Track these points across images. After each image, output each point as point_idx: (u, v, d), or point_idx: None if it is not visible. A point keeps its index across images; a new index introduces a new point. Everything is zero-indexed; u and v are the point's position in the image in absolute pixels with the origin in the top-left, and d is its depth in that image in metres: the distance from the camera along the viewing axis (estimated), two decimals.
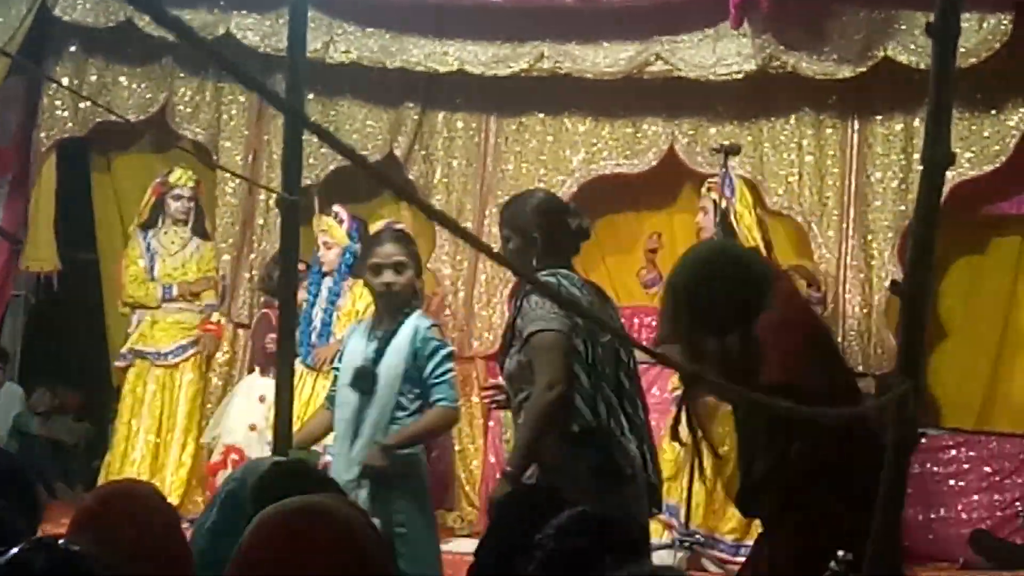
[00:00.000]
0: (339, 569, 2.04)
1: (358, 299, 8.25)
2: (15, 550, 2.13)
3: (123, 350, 8.96)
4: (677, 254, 9.18)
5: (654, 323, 8.90)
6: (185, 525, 3.37)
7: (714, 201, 7.96)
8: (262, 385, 8.28)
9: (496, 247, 9.00)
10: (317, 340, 8.35)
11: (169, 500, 3.26)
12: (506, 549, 3.00)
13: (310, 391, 8.19)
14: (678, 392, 5.72)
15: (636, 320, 8.82)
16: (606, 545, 2.80)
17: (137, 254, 8.96)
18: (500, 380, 5.25)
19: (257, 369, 8.71)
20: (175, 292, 8.92)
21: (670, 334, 4.24)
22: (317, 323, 8.35)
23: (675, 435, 4.14)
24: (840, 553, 2.34)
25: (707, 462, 4.31)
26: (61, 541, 2.19)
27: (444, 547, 8.02)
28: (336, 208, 8.57)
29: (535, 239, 4.89)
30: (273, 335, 7.73)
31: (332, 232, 8.40)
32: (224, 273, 9.30)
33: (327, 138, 1.79)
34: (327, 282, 8.43)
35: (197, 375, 9.01)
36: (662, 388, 8.13)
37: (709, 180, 8.18)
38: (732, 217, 7.89)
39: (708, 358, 4.05)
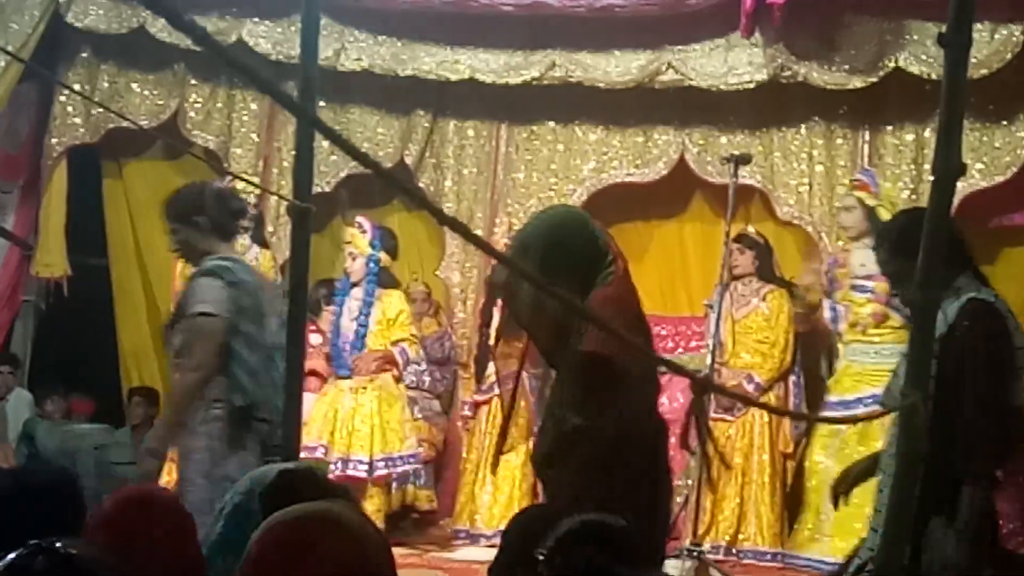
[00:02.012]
0: (346, 574, 2.05)
1: (387, 308, 8.22)
2: (14, 554, 2.13)
3: None
4: (689, 263, 9.30)
5: (664, 332, 8.93)
6: None
7: (859, 200, 7.87)
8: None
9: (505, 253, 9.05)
10: (351, 351, 8.24)
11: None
12: (513, 565, 2.99)
13: (352, 405, 8.08)
14: None
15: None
16: (615, 555, 2.78)
17: None
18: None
19: None
20: None
21: (506, 281, 4.61)
22: (350, 334, 8.27)
23: (684, 443, 4.18)
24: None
25: (715, 471, 4.42)
26: (60, 544, 2.19)
27: (450, 555, 8.08)
28: (359, 219, 8.53)
29: (198, 223, 5.12)
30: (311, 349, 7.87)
31: (356, 242, 8.35)
32: None
33: (339, 141, 1.80)
34: (356, 292, 8.33)
35: None
36: (671, 398, 8.12)
37: (852, 179, 8.13)
38: (881, 213, 7.77)
39: (535, 311, 4.40)
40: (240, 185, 8.71)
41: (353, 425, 8.01)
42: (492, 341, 8.15)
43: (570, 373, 4.34)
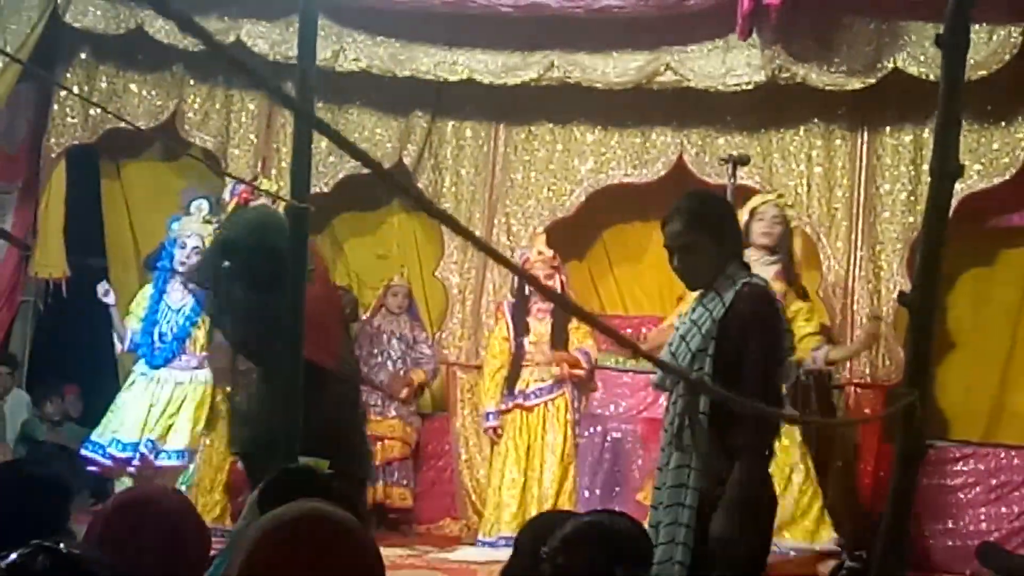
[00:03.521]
0: (340, 573, 2.05)
1: None
2: (15, 554, 2.13)
3: None
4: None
5: None
6: None
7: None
8: None
9: (505, 255, 9.05)
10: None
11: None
12: (526, 569, 3.00)
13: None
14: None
15: (644, 329, 8.81)
16: (616, 555, 2.79)
17: None
18: None
19: None
20: None
21: (206, 279, 4.89)
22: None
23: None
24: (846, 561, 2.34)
25: None
26: (62, 544, 2.19)
27: (450, 555, 8.08)
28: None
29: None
30: None
31: (206, 243, 8.43)
32: None
33: (337, 140, 1.80)
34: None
35: None
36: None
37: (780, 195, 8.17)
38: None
39: (233, 306, 4.54)
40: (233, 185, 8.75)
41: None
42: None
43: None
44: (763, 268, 7.57)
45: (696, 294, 4.41)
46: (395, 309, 9.19)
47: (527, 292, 8.32)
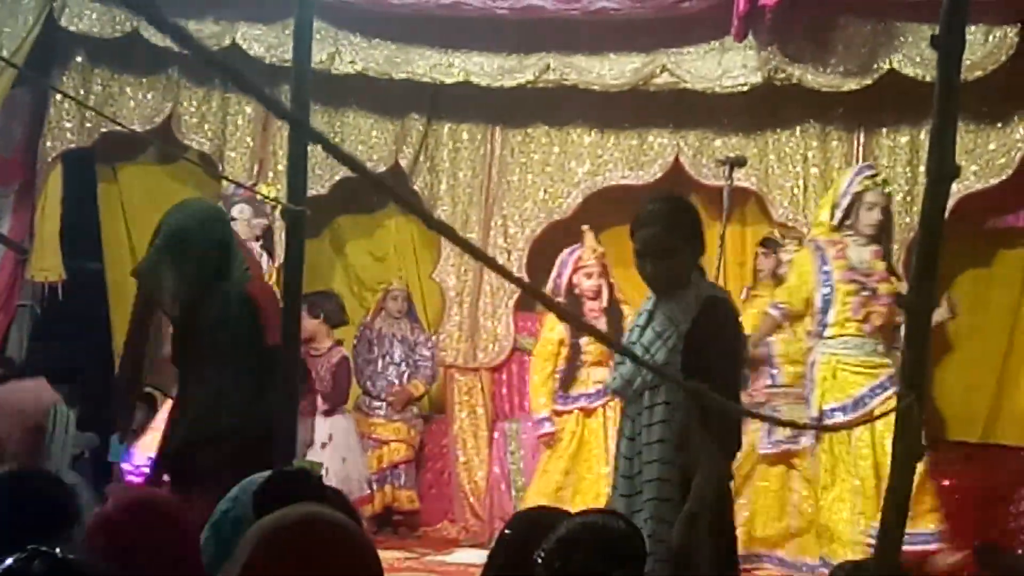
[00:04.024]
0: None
1: None
2: (11, 560, 2.13)
3: None
4: None
5: None
6: None
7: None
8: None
9: (501, 259, 9.06)
10: None
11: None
12: (511, 567, 2.99)
13: None
14: None
15: None
16: (613, 557, 2.78)
17: None
18: None
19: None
20: None
21: (150, 267, 4.93)
22: None
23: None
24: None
25: None
26: (58, 550, 2.19)
27: (447, 558, 8.08)
28: None
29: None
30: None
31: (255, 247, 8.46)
32: None
33: (329, 148, 1.80)
34: None
35: None
36: None
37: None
38: None
39: (166, 294, 4.85)
40: (233, 189, 8.74)
41: None
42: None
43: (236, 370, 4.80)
44: (861, 249, 7.60)
45: (649, 299, 4.46)
46: (395, 313, 9.19)
47: (576, 292, 8.20)
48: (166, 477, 4.96)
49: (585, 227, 8.48)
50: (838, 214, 7.62)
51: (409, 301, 9.29)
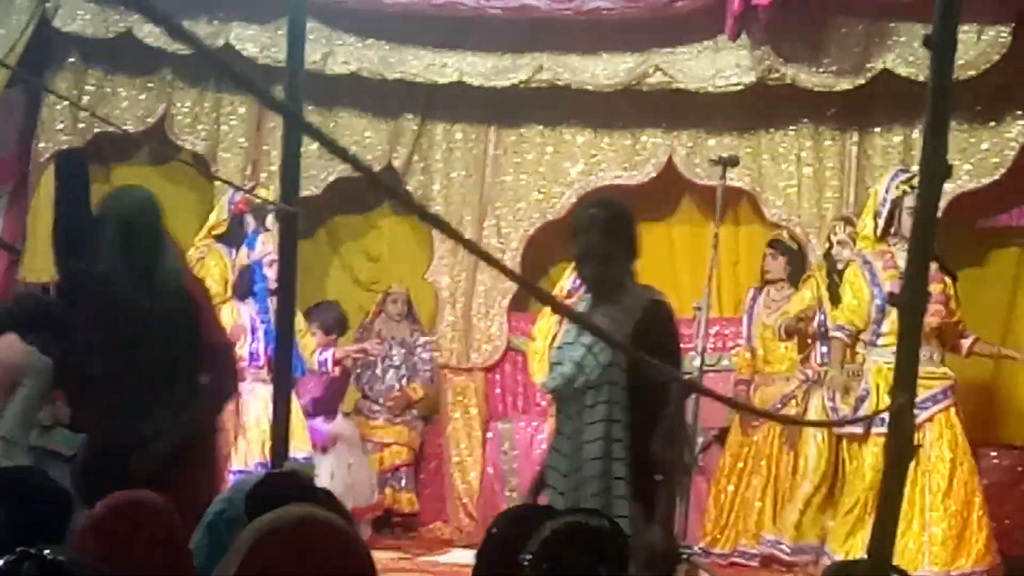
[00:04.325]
0: None
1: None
2: (0, 561, 2.12)
3: None
4: (677, 266, 9.30)
5: None
6: None
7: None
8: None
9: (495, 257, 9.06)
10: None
11: None
12: (500, 567, 2.99)
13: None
14: None
15: None
16: (599, 556, 2.79)
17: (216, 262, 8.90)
18: None
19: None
20: None
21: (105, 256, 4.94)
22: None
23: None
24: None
25: None
26: (47, 551, 2.18)
27: (440, 559, 8.08)
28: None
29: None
30: None
31: None
32: None
33: (326, 143, 1.79)
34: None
35: None
36: None
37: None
38: None
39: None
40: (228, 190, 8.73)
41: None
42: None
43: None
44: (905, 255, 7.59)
45: (583, 301, 4.64)
46: (395, 316, 9.20)
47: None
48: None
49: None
50: (880, 223, 7.56)
51: (409, 304, 9.29)
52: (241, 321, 8.21)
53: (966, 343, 7.82)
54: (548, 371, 4.69)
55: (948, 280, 7.53)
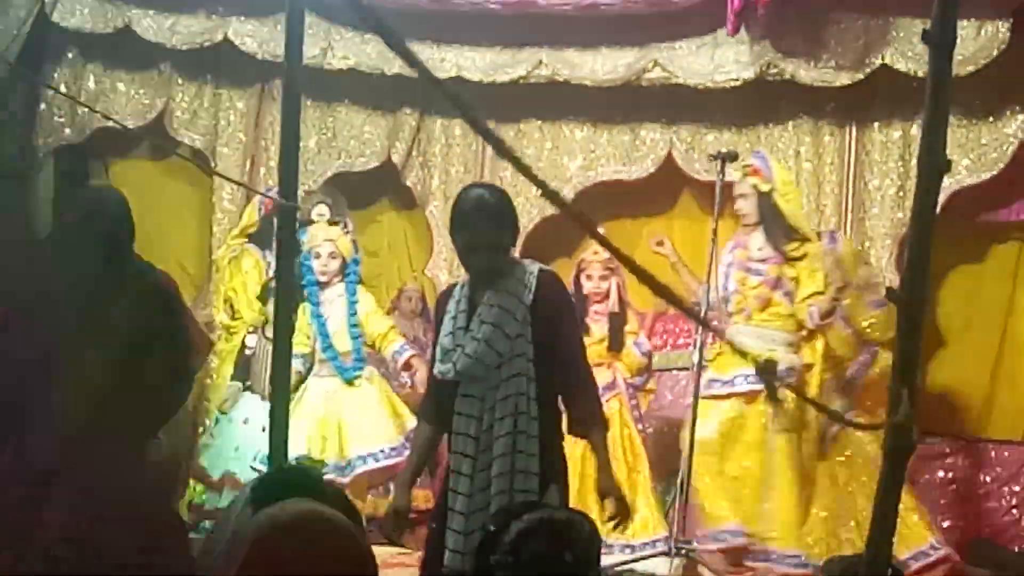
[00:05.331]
0: (333, 572, 2.05)
1: (364, 306, 8.40)
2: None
3: None
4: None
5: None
6: None
7: (754, 185, 7.86)
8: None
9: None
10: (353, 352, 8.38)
11: None
12: (478, 561, 3.04)
13: (355, 403, 8.32)
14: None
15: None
16: (564, 546, 2.90)
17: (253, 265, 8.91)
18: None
19: None
20: None
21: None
22: (344, 334, 8.36)
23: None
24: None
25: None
26: None
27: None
28: (343, 219, 8.66)
29: None
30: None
31: (340, 243, 8.41)
32: None
33: (518, 165, 1.77)
34: (329, 293, 8.41)
35: None
36: (659, 395, 8.12)
37: (745, 165, 7.96)
38: (776, 198, 7.82)
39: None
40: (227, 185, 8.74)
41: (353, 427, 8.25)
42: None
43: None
44: None
45: (461, 287, 4.81)
46: (408, 314, 9.18)
47: (583, 293, 8.17)
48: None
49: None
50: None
51: (423, 301, 9.28)
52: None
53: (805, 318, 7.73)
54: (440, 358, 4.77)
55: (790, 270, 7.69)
